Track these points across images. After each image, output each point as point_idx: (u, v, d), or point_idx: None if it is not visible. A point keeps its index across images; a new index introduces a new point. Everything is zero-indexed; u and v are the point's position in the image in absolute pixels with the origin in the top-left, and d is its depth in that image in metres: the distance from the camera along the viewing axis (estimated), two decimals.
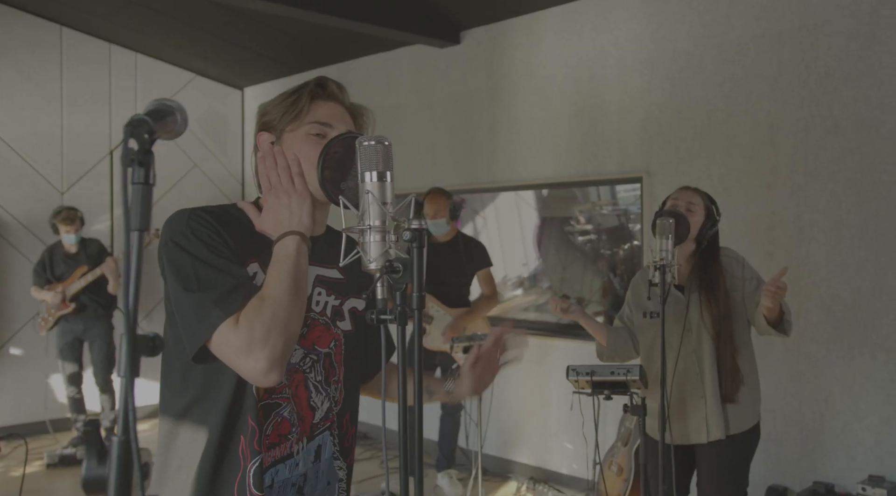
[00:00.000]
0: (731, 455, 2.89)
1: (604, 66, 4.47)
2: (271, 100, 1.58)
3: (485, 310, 4.75)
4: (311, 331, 1.54)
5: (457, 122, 5.33)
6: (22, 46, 6.07)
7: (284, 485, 1.50)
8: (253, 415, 1.43)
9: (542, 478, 4.76)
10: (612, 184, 4.48)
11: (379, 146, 1.30)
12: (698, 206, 2.95)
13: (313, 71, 6.42)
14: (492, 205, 5.21)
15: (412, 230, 1.32)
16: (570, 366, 2.84)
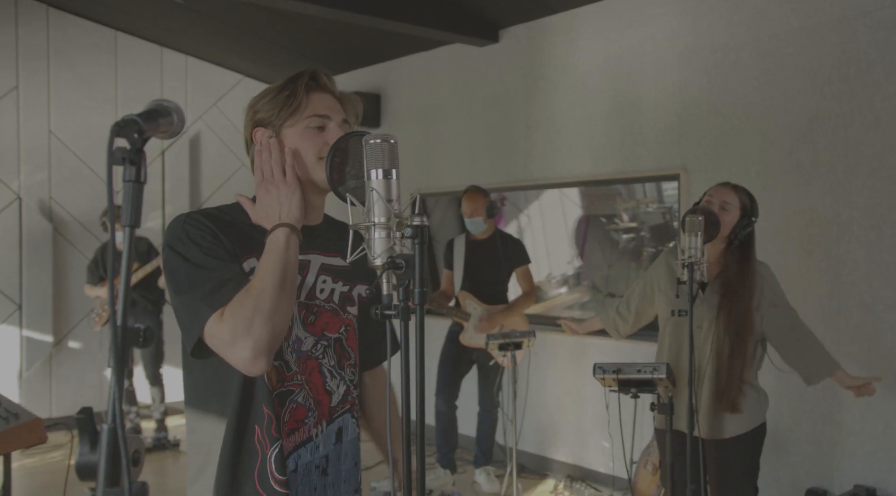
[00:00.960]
0: (739, 452, 2.87)
1: (641, 63, 4.44)
2: (261, 96, 1.58)
3: (523, 307, 4.76)
4: (318, 318, 1.59)
5: (495, 120, 5.35)
6: (78, 50, 6.30)
7: (308, 467, 1.56)
8: (268, 404, 1.48)
9: (580, 476, 4.75)
10: (649, 181, 4.45)
11: (385, 144, 1.33)
12: (733, 205, 2.92)
13: (355, 71, 6.51)
14: (536, 202, 5.21)
15: (413, 227, 1.36)
16: (596, 363, 2.84)
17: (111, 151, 0.99)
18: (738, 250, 2.90)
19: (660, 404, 2.80)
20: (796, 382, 3.74)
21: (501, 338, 4.09)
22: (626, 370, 2.81)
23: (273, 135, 1.54)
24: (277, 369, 1.53)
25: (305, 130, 1.53)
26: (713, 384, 2.87)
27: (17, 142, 6.09)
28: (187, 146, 6.80)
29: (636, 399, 2.84)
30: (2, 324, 6.01)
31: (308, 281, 1.58)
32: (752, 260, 2.89)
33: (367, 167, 1.33)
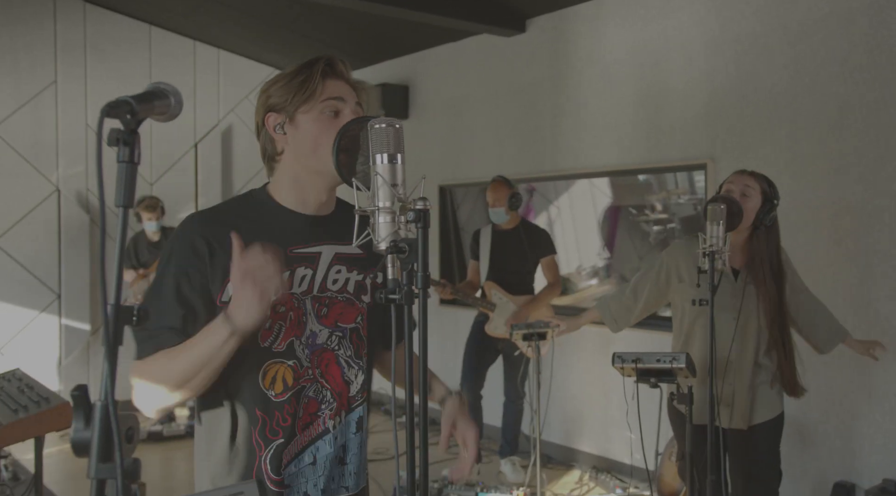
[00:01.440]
0: (762, 439, 2.87)
1: (668, 51, 4.39)
2: (274, 81, 1.57)
3: (548, 298, 4.75)
4: (331, 309, 1.59)
5: (522, 110, 5.34)
6: (113, 45, 6.42)
7: (325, 459, 1.57)
8: (262, 407, 1.51)
9: (605, 468, 4.74)
10: (676, 171, 4.40)
11: (390, 129, 1.32)
12: (754, 191, 2.88)
13: (386, 62, 6.54)
14: (566, 193, 5.18)
15: (416, 210, 1.37)
16: (615, 353, 2.83)
17: (100, 132, 0.99)
18: (764, 236, 2.86)
19: (679, 394, 2.78)
20: (828, 377, 3.69)
21: (525, 328, 4.09)
22: (645, 359, 2.79)
23: (287, 120, 1.54)
24: (293, 368, 1.54)
25: (320, 116, 1.52)
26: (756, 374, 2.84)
27: (56, 135, 6.24)
28: (219, 138, 6.90)
29: (656, 388, 2.83)
30: (42, 312, 6.17)
31: (319, 274, 1.58)
32: (779, 245, 2.86)
33: (371, 152, 1.34)
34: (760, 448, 2.86)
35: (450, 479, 4.41)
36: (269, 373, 1.51)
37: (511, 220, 4.70)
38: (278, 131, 1.55)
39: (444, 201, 6.06)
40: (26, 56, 6.10)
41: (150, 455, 5.36)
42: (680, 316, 3.00)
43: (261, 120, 1.58)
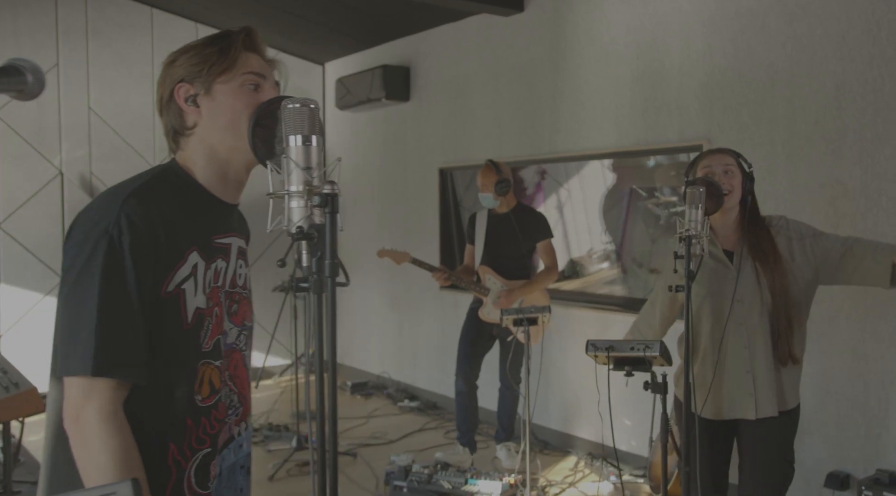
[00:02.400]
0: (779, 431, 2.72)
1: (665, 30, 4.26)
2: (183, 50, 1.46)
3: (543, 283, 4.67)
4: (240, 306, 1.50)
5: (521, 91, 5.24)
6: (115, 28, 6.41)
7: (232, 469, 1.48)
8: (192, 414, 1.37)
9: (602, 454, 4.68)
10: (672, 152, 4.29)
11: (304, 109, 1.27)
12: (734, 167, 2.77)
13: (387, 44, 6.46)
14: (576, 176, 5.07)
15: (322, 195, 1.31)
16: (589, 340, 2.76)
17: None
18: (750, 212, 2.76)
19: (654, 383, 2.70)
20: (823, 365, 3.59)
21: (515, 313, 4.02)
22: (618, 347, 2.72)
23: (202, 91, 1.42)
24: (219, 369, 1.43)
25: (241, 88, 1.42)
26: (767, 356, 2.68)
27: (59, 118, 6.25)
28: None
29: (631, 376, 2.76)
30: (46, 296, 6.22)
31: (231, 268, 1.48)
32: (759, 216, 2.75)
33: (285, 133, 1.28)
34: (773, 440, 2.70)
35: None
36: (197, 375, 1.39)
37: (505, 203, 4.62)
38: (189, 103, 1.43)
39: (445, 184, 5.99)
40: (28, 40, 6.11)
41: None
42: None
43: (167, 92, 1.45)
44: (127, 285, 1.27)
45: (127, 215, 1.29)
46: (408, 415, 5.88)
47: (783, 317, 2.64)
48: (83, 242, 1.29)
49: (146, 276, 1.30)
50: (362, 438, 5.25)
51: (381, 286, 6.64)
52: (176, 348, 1.35)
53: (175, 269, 1.34)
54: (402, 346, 6.52)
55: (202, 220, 1.43)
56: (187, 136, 1.46)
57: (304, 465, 4.66)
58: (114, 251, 1.27)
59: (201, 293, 1.38)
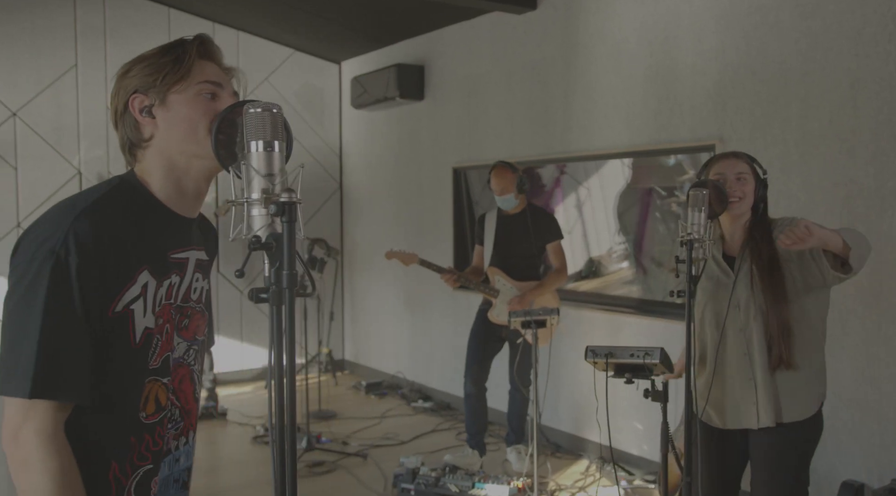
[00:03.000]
0: (785, 445, 2.61)
1: (677, 27, 4.18)
2: (137, 61, 1.42)
3: (554, 285, 4.61)
4: (192, 321, 1.48)
5: (534, 90, 5.18)
6: (133, 28, 6.45)
7: (166, 483, 1.46)
8: (136, 432, 1.37)
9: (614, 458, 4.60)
10: (683, 152, 4.21)
11: (266, 114, 1.24)
12: (748, 174, 2.69)
13: (402, 43, 6.43)
14: (595, 175, 5.00)
15: (279, 203, 1.27)
16: (588, 347, 2.71)
17: None
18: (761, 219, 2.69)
19: (654, 391, 2.64)
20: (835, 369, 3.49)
21: (523, 315, 3.97)
22: (618, 354, 2.67)
23: (156, 102, 1.39)
24: (166, 386, 1.42)
25: (196, 98, 1.39)
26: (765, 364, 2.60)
27: (77, 118, 6.31)
28: None
29: (630, 384, 2.70)
30: None
31: (185, 282, 1.46)
32: (766, 219, 2.66)
33: (246, 138, 1.25)
34: (785, 451, 2.60)
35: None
36: (143, 393, 1.37)
37: (518, 203, 4.56)
38: (145, 114, 1.40)
39: (458, 184, 5.94)
40: (47, 40, 6.17)
41: None
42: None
43: (122, 103, 1.41)
44: (72, 306, 1.25)
45: (76, 235, 1.26)
46: (421, 415, 5.85)
47: (777, 322, 2.55)
48: (30, 260, 1.26)
49: (93, 297, 1.27)
50: (374, 439, 5.23)
51: (396, 285, 6.61)
52: (122, 367, 1.33)
53: (123, 290, 1.32)
54: (416, 346, 6.49)
55: (157, 236, 1.40)
56: (144, 148, 1.43)
57: (313, 466, 4.65)
58: (60, 271, 1.24)
59: (150, 313, 1.36)
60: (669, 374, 2.75)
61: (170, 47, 1.42)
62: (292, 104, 7.11)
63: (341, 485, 4.45)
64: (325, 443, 5.06)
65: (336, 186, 7.43)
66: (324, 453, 4.86)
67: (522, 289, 4.56)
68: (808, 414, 2.62)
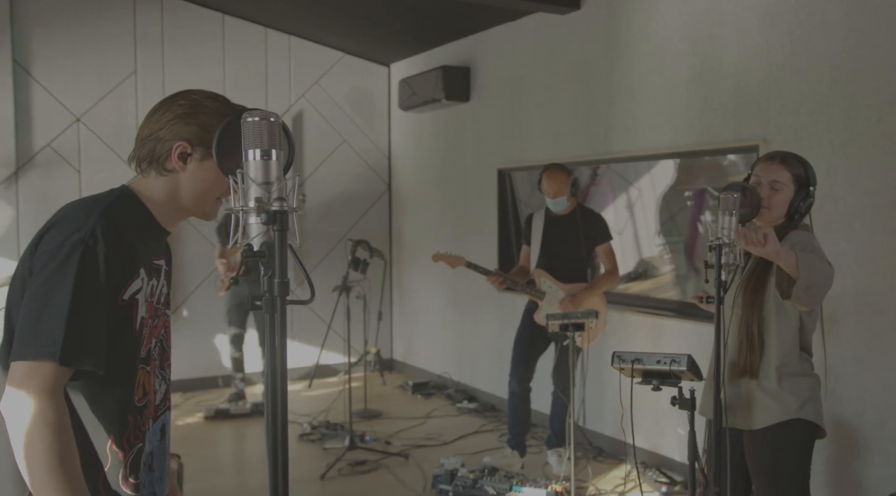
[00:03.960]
0: (760, 451, 2.60)
1: (721, 25, 4.09)
2: (199, 108, 1.54)
3: (602, 287, 4.57)
4: (159, 320, 1.62)
5: (577, 90, 5.14)
6: (189, 35, 6.64)
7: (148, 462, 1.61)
8: (132, 412, 1.52)
9: (655, 464, 4.54)
10: (726, 153, 4.12)
11: (263, 123, 1.26)
12: (784, 183, 2.63)
13: (448, 44, 6.46)
14: (647, 175, 4.94)
15: (270, 212, 1.30)
16: (615, 352, 2.69)
17: None
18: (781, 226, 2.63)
19: (681, 399, 2.60)
20: (881, 377, 3.38)
21: (560, 318, 3.95)
22: (645, 360, 2.63)
23: (199, 157, 1.54)
24: (149, 374, 1.57)
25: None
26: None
27: (136, 122, 6.52)
28: (290, 123, 7.03)
29: (658, 391, 2.66)
30: None
31: (159, 285, 1.61)
32: (786, 228, 2.60)
33: (244, 147, 1.28)
34: (760, 457, 2.59)
35: None
36: (137, 377, 1.54)
37: (568, 205, 4.54)
38: (180, 159, 1.54)
39: (503, 185, 5.93)
40: (109, 48, 6.39)
41: (217, 431, 5.57)
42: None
43: (168, 143, 1.53)
44: (98, 286, 1.40)
45: (102, 228, 1.43)
46: (465, 416, 5.87)
47: (746, 330, 2.57)
48: (59, 247, 1.40)
49: (111, 284, 1.43)
50: (417, 439, 5.27)
51: (443, 286, 6.64)
52: (124, 352, 1.49)
53: (131, 281, 1.48)
54: (462, 347, 6.51)
55: (148, 242, 1.58)
56: (158, 173, 1.57)
57: (355, 465, 4.71)
58: (89, 256, 1.40)
59: (144, 305, 1.53)
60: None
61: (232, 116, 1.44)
62: (342, 107, 7.21)
63: (381, 484, 4.49)
64: (369, 442, 5.13)
65: (385, 188, 7.50)
66: (367, 452, 4.92)
67: (568, 291, 4.53)
68: (785, 418, 2.56)
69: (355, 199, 7.34)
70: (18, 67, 6.08)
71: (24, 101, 6.12)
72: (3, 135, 6.03)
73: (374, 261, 6.60)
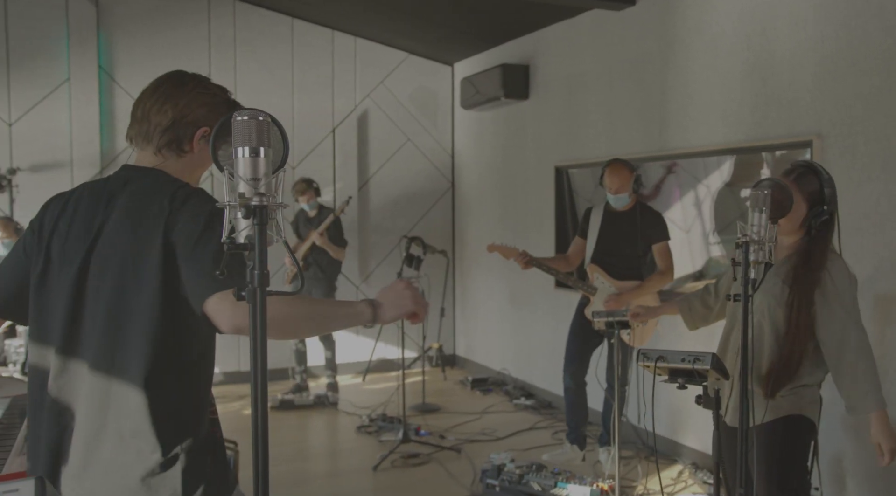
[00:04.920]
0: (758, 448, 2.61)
1: (775, 17, 3.99)
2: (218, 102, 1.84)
3: (655, 286, 4.52)
4: None
5: (632, 87, 5.09)
6: (260, 39, 6.88)
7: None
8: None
9: (707, 465, 4.46)
10: (779, 149, 4.01)
11: (252, 121, 1.32)
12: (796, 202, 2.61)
13: (508, 43, 6.49)
14: (716, 172, 4.84)
15: (249, 206, 1.37)
16: (640, 349, 2.68)
17: None
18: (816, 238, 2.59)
19: (706, 397, 2.57)
20: None
21: (606, 316, 3.93)
22: (669, 358, 2.62)
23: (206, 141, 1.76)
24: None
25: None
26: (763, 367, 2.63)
27: None
28: (356, 123, 7.20)
29: (684, 389, 2.64)
30: None
31: None
32: (823, 248, 2.55)
33: (234, 145, 1.34)
34: (757, 453, 2.59)
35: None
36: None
37: (629, 202, 4.51)
38: (200, 141, 1.77)
39: (560, 182, 5.92)
40: (184, 53, 6.70)
41: (281, 421, 5.77)
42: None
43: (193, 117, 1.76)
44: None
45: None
46: (521, 413, 5.89)
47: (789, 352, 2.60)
48: (204, 202, 1.66)
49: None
50: (471, 434, 5.34)
51: (502, 283, 6.68)
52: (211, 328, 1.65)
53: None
54: (520, 344, 6.54)
55: None
56: (175, 154, 1.78)
57: (408, 457, 4.81)
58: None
59: None
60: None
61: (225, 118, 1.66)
62: (406, 106, 7.33)
63: (431, 477, 4.58)
64: (423, 435, 5.22)
65: (448, 186, 7.59)
66: (420, 445, 5.01)
67: (620, 289, 4.50)
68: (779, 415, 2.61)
69: (419, 197, 7.46)
70: (104, 73, 6.44)
71: (109, 105, 6.49)
72: (90, 137, 6.40)
73: (437, 258, 6.70)
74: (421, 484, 4.50)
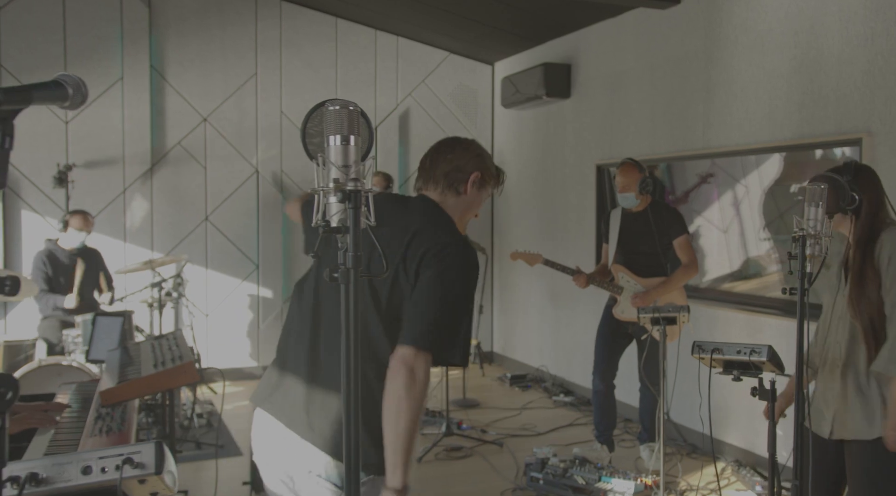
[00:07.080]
0: (869, 460, 2.52)
1: (824, 14, 3.99)
2: (486, 158, 2.24)
3: (680, 281, 4.55)
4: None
5: (675, 85, 5.11)
6: (305, 38, 7.01)
7: None
8: None
9: (750, 463, 4.48)
10: (828, 147, 4.02)
11: (343, 111, 1.40)
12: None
13: (550, 42, 6.53)
14: (755, 171, 4.86)
15: (344, 191, 1.45)
16: (695, 342, 2.73)
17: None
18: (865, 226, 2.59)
19: (761, 389, 2.61)
20: None
21: (652, 311, 3.97)
22: (725, 350, 2.66)
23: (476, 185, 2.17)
24: None
25: (480, 203, 2.25)
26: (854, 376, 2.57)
27: (256, 122, 6.96)
28: (397, 121, 7.30)
29: (739, 381, 2.68)
30: (244, 281, 6.96)
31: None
32: (877, 234, 2.55)
33: (325, 133, 1.41)
34: (854, 471, 2.55)
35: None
36: None
37: (641, 202, 4.55)
38: (472, 186, 2.20)
39: (602, 181, 5.96)
40: (232, 53, 6.85)
41: None
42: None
43: (472, 169, 2.19)
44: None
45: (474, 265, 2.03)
46: (561, 409, 5.94)
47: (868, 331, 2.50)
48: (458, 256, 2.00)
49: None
50: (512, 429, 5.40)
51: (541, 281, 6.73)
52: None
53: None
54: (559, 341, 6.58)
55: None
56: (451, 194, 2.14)
57: (451, 450, 4.89)
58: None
59: None
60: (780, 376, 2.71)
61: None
62: (447, 104, 7.41)
63: (475, 469, 4.65)
64: (465, 429, 5.29)
65: None
66: (462, 439, 5.08)
67: (646, 286, 4.55)
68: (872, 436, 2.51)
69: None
70: (155, 73, 6.61)
71: (160, 104, 6.66)
72: (141, 135, 6.58)
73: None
74: (465, 476, 4.57)
